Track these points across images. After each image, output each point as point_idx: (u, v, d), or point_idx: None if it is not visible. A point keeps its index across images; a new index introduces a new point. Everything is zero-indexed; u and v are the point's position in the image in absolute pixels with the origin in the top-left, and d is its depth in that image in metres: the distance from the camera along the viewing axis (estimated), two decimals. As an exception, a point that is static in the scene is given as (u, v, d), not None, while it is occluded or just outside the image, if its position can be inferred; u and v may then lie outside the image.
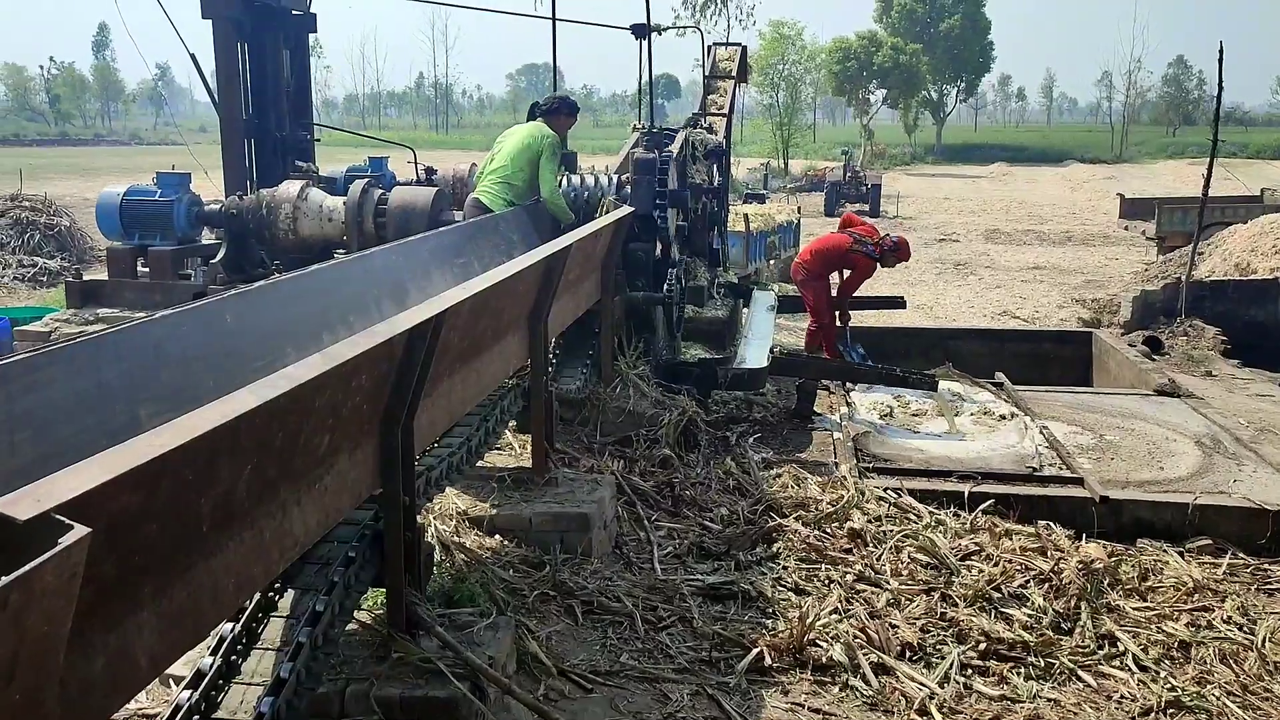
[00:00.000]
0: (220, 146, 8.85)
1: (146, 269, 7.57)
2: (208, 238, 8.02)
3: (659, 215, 6.73)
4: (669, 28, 11.00)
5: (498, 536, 4.56)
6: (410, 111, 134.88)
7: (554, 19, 7.46)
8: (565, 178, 7.04)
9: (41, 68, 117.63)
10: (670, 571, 4.83)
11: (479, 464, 5.15)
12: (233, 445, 2.09)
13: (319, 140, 9.73)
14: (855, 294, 10.15)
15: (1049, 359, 11.15)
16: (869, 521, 5.37)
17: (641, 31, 10.84)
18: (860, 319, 12.06)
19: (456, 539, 4.32)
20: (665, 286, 6.64)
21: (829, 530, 5.34)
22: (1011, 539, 5.40)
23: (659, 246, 6.90)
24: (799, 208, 22.02)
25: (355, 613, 3.28)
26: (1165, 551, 5.66)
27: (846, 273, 9.76)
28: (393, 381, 2.99)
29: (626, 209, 6.31)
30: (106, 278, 7.66)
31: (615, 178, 6.87)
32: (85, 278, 7.54)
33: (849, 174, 35.71)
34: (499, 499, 4.71)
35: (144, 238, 7.61)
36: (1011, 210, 37.45)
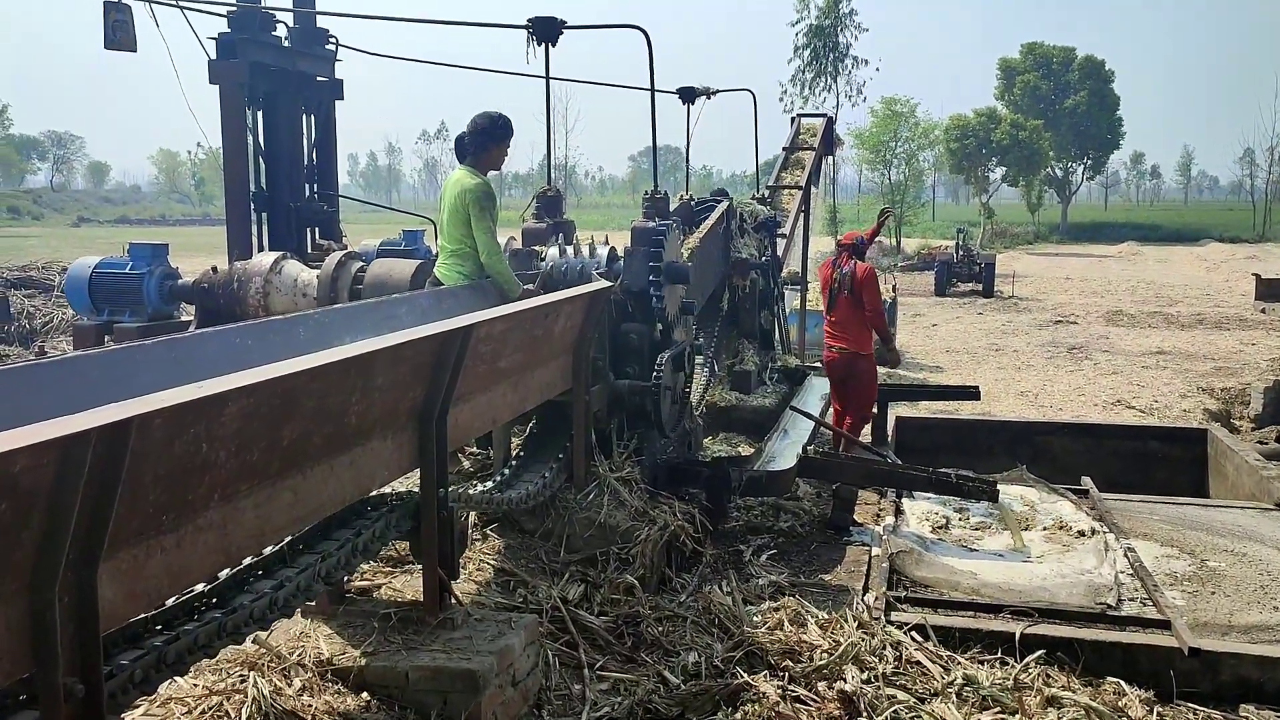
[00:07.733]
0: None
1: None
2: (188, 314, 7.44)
3: (654, 292, 5.78)
4: (717, 91, 10.17)
5: (366, 694, 3.58)
6: (533, 191, 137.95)
7: (548, 78, 6.68)
8: (559, 247, 6.16)
9: (189, 152, 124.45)
10: (593, 745, 3.77)
11: (377, 593, 4.26)
12: None
13: (333, 209, 9.13)
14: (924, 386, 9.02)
15: (1155, 460, 9.65)
16: (867, 681, 4.20)
17: (689, 95, 10.11)
18: (935, 409, 10.83)
19: (297, 702, 3.36)
20: (654, 374, 5.64)
21: (817, 690, 4.20)
22: (1059, 709, 4.16)
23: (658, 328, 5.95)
24: (894, 285, 20.71)
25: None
26: (1275, 729, 4.38)
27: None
28: (42, 531, 2.10)
29: (603, 283, 5.37)
30: (72, 356, 7.10)
31: (610, 249, 5.97)
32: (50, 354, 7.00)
33: (962, 253, 34.19)
34: (377, 644, 3.73)
35: (113, 313, 7.06)
36: (1138, 291, 35.19)
